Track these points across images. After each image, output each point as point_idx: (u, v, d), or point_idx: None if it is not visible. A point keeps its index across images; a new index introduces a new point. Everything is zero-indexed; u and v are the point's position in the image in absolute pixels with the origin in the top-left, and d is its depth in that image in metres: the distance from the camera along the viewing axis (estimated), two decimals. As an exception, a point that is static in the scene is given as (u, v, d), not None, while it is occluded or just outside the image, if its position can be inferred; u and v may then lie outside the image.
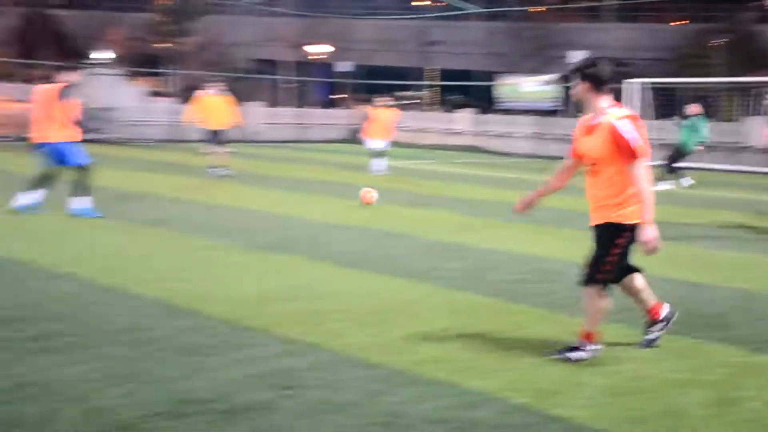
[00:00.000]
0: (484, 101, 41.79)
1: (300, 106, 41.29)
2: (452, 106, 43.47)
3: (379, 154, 19.77)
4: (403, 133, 32.78)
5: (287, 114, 37.74)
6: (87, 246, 9.12)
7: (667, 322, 5.72)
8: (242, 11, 46.27)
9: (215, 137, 17.91)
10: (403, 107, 36.25)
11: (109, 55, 41.88)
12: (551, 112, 36.91)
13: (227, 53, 44.81)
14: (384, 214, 12.60)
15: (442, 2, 50.43)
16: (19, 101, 29.16)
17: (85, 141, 11.64)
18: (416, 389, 4.76)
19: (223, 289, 7.22)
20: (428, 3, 53.87)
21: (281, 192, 15.35)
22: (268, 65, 47.97)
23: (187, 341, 5.60)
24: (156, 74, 44.98)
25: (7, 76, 41.13)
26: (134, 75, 38.54)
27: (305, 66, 47.98)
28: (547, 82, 38.70)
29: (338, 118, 38.72)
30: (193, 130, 24.33)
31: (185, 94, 32.37)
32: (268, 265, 8.43)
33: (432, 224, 11.66)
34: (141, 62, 44.66)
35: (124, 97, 30.58)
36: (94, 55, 39.99)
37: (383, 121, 19.75)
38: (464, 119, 36.02)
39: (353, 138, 32.91)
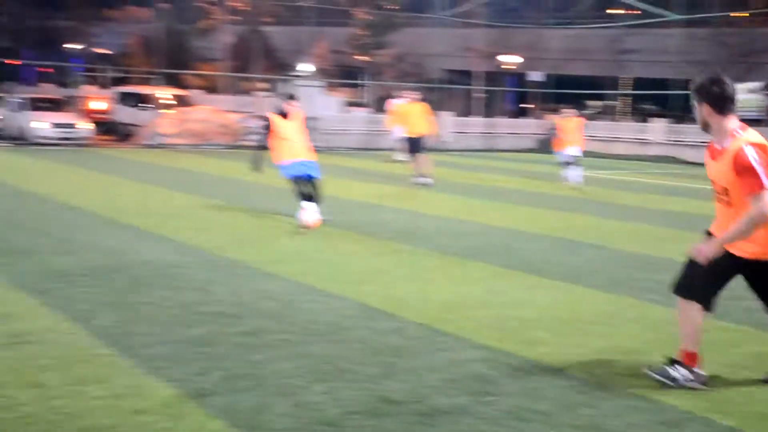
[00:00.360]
0: (679, 110, 40.09)
1: (489, 115, 41.34)
2: (645, 115, 41.97)
3: (572, 163, 19.38)
4: (594, 143, 32.03)
5: (476, 123, 37.91)
6: (292, 248, 9.60)
7: (696, 382, 4.97)
8: (437, 23, 46.92)
9: (414, 146, 18.11)
10: (593, 117, 35.38)
11: (311, 67, 43.78)
12: (755, 121, 34.83)
13: (421, 64, 45.60)
14: (575, 223, 12.41)
15: (637, 10, 48.84)
16: (234, 112, 31.14)
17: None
18: (615, 403, 4.69)
19: (420, 293, 7.39)
20: (622, 11, 52.35)
21: (473, 199, 15.47)
22: (461, 75, 48.35)
23: (385, 342, 5.79)
24: (353, 85, 46.54)
25: (224, 89, 44.05)
26: (333, 86, 40.09)
27: (496, 76, 47.95)
28: (751, 90, 36.56)
29: (527, 127, 38.46)
30: (388, 139, 24.98)
31: (380, 104, 33.27)
32: (463, 270, 8.54)
33: (625, 235, 11.36)
34: (340, 74, 46.36)
35: (324, 107, 31.81)
36: (299, 67, 42.03)
37: (570, 131, 19.38)
38: (657, 128, 34.76)
39: (542, 147, 32.55)
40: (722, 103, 4.77)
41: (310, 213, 10.55)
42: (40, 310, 6.42)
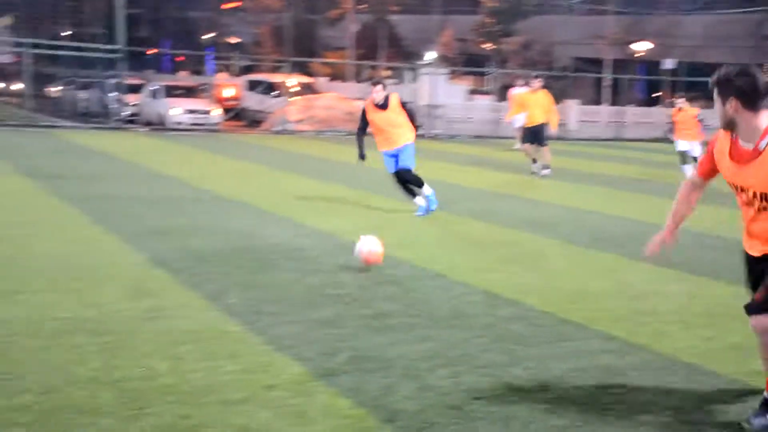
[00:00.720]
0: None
1: (618, 104, 40.29)
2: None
3: (691, 158, 18.58)
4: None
5: (603, 112, 37.03)
6: (414, 234, 9.66)
7: None
8: (566, 10, 46.07)
9: (534, 136, 17.75)
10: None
11: (434, 55, 43.83)
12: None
13: (549, 52, 44.93)
14: (705, 215, 11.94)
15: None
16: (359, 99, 31.55)
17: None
18: (753, 402, 4.50)
19: (544, 281, 7.31)
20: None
21: (596, 188, 15.14)
22: (589, 63, 47.33)
23: (509, 330, 5.75)
24: (478, 73, 46.29)
25: (350, 77, 44.70)
26: (457, 74, 40.00)
27: (626, 63, 46.69)
28: None
29: (656, 116, 37.29)
30: (510, 127, 24.71)
31: (503, 92, 32.99)
32: (587, 260, 8.39)
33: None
34: (465, 62, 46.24)
35: (448, 95, 31.82)
36: (425, 56, 42.24)
37: (681, 122, 18.53)
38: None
39: (669, 137, 31.50)
40: (754, 98, 4.11)
41: (370, 242, 7.83)
42: (176, 287, 6.71)
